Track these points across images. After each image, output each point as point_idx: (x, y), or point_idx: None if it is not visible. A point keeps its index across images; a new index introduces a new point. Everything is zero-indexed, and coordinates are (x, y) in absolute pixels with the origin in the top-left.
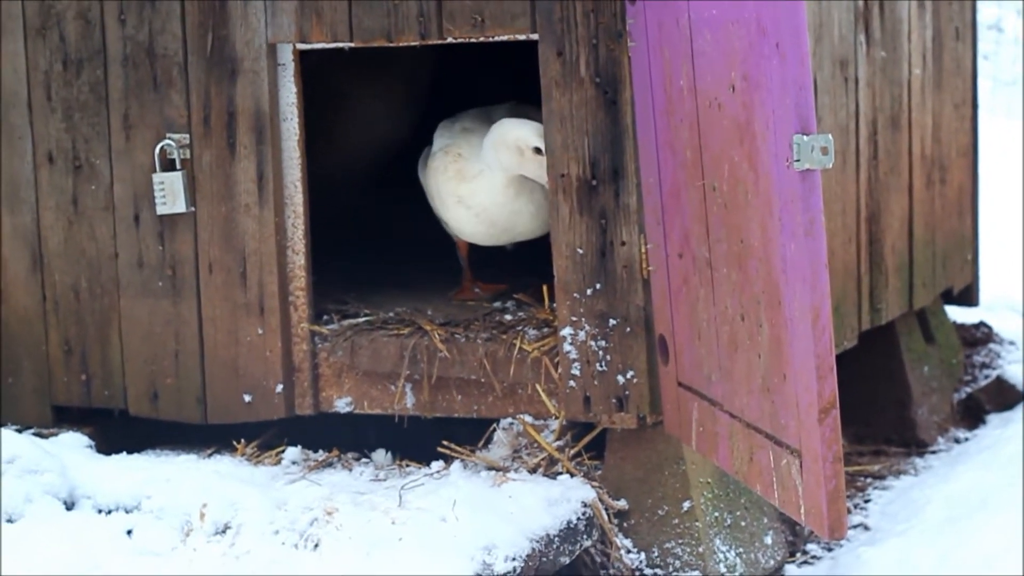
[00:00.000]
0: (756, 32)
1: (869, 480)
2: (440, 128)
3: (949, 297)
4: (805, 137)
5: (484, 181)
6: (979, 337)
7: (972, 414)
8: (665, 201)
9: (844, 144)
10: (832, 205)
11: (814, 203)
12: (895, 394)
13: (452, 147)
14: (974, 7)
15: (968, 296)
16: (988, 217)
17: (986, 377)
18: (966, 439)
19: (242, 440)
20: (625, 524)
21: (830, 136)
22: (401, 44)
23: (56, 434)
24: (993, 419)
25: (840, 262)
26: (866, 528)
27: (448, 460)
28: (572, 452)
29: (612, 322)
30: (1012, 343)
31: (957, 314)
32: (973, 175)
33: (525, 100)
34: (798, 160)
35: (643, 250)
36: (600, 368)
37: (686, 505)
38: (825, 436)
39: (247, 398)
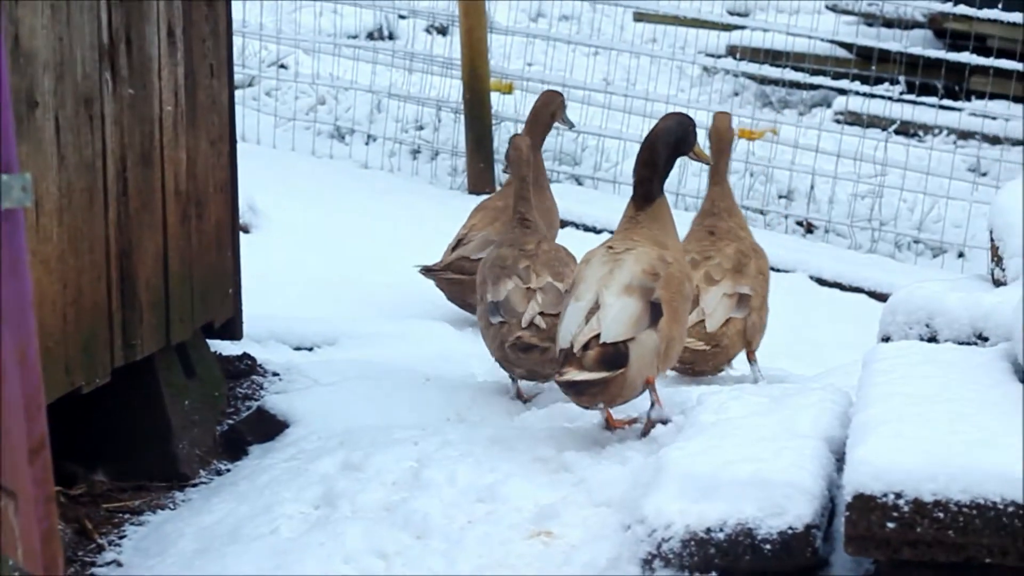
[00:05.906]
0: None
1: (127, 516)
2: None
3: (211, 331)
4: (6, 176)
5: None
6: (243, 369)
7: (235, 446)
8: None
9: (91, 182)
10: (79, 243)
11: (18, 243)
12: (156, 429)
13: None
14: (230, 44)
15: (231, 330)
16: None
17: (248, 408)
18: (227, 471)
19: None
20: None
21: (29, 176)
22: None
23: None
24: (255, 450)
25: (90, 300)
26: (119, 564)
27: None
28: None
29: None
30: (276, 374)
31: (224, 347)
32: (232, 210)
33: None
34: None
35: None
36: None
37: None
38: (36, 477)
39: None
